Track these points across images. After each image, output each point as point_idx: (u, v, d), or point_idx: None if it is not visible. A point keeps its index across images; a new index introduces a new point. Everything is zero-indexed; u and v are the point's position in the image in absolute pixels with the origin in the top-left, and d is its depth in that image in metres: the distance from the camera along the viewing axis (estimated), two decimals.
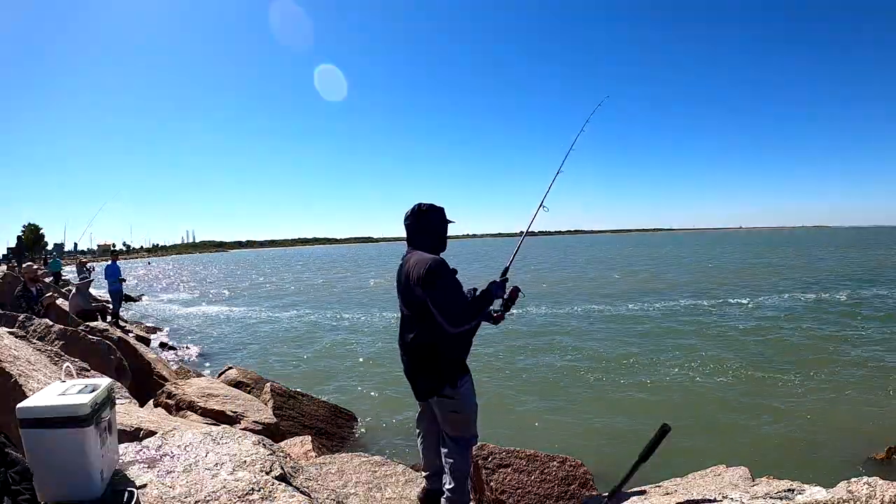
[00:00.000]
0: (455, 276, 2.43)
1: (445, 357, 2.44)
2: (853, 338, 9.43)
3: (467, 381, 2.49)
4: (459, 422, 2.50)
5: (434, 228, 2.54)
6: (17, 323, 5.21)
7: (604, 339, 10.32)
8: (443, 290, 2.36)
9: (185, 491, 1.75)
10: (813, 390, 6.62)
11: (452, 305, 2.36)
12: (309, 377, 8.25)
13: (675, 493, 2.34)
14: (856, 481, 1.68)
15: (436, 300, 2.35)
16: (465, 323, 2.38)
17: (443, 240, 2.57)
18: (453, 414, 2.48)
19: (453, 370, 2.45)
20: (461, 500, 2.55)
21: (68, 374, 1.91)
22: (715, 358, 8.36)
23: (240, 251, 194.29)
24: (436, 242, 2.55)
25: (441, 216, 2.56)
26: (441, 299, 2.35)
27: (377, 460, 3.38)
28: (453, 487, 2.55)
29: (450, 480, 2.58)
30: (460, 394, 2.45)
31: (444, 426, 2.54)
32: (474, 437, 2.58)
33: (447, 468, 2.56)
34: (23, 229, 55.99)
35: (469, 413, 2.51)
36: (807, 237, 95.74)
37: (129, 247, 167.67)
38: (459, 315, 2.37)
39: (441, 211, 2.57)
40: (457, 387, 2.43)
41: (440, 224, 2.55)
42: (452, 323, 2.35)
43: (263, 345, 11.26)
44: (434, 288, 2.34)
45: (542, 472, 3.23)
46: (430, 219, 2.54)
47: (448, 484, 2.58)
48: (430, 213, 2.53)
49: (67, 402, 1.64)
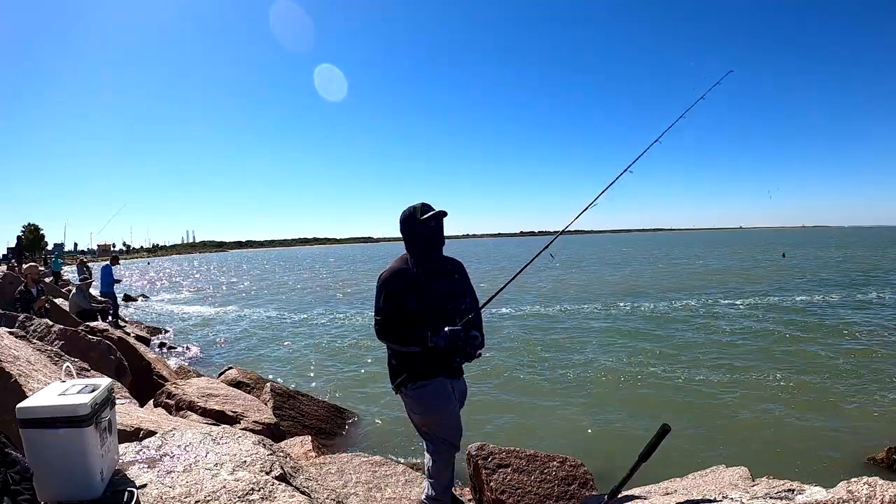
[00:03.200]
0: (389, 285, 2.52)
1: (391, 362, 2.62)
2: (853, 338, 9.43)
3: (422, 387, 2.53)
4: (416, 422, 2.64)
5: (403, 232, 2.66)
6: (17, 323, 5.21)
7: (604, 338, 10.31)
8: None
9: (185, 491, 1.75)
10: (813, 390, 6.61)
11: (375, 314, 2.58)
12: (309, 377, 8.25)
13: (675, 493, 2.34)
14: (856, 481, 1.68)
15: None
16: (378, 336, 2.56)
17: (410, 241, 2.64)
18: (411, 412, 2.63)
19: (396, 376, 2.58)
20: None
21: (68, 374, 1.91)
22: (715, 358, 8.35)
23: (240, 251, 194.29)
24: (406, 245, 2.67)
25: (403, 219, 2.64)
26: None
27: (377, 460, 3.38)
28: (427, 495, 2.62)
29: (427, 486, 2.64)
30: (409, 397, 2.57)
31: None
32: (443, 441, 2.57)
33: (425, 469, 2.66)
34: (23, 229, 56.02)
35: (424, 417, 2.57)
36: (807, 237, 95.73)
37: (129, 247, 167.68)
38: (375, 326, 2.56)
39: (405, 213, 2.64)
40: (402, 391, 2.58)
41: (402, 227, 2.65)
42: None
43: (263, 345, 11.26)
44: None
45: (542, 472, 3.23)
46: (401, 223, 2.67)
47: (427, 490, 2.64)
48: (400, 219, 2.66)
49: (67, 402, 1.64)
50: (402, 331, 2.49)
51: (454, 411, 2.61)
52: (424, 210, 2.58)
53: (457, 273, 2.70)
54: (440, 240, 2.62)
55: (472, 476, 3.33)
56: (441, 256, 2.70)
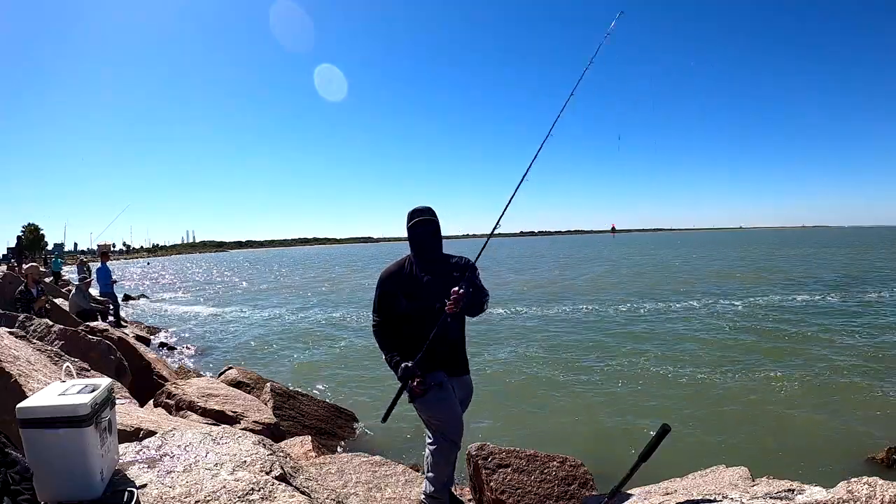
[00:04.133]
0: (384, 287, 2.71)
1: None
2: (853, 338, 9.42)
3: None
4: (423, 417, 2.73)
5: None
6: (17, 323, 5.21)
7: (604, 338, 10.32)
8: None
9: (185, 491, 1.75)
10: (813, 390, 6.61)
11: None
12: (309, 377, 8.25)
13: (675, 493, 2.34)
14: (856, 481, 1.68)
15: None
16: (374, 335, 2.79)
17: (410, 244, 2.75)
18: (416, 407, 2.70)
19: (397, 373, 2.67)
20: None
21: (68, 374, 1.91)
22: (715, 358, 8.35)
23: (240, 251, 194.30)
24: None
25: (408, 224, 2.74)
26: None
27: (377, 460, 3.38)
28: (426, 492, 2.66)
29: (426, 483, 2.68)
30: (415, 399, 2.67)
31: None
32: (443, 437, 2.61)
33: (425, 464, 2.70)
34: (23, 229, 56.03)
35: (424, 412, 2.66)
36: (807, 237, 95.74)
37: (129, 247, 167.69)
38: (373, 326, 2.78)
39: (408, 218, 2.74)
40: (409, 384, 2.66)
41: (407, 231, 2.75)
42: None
43: (263, 345, 11.26)
44: None
45: (542, 472, 3.23)
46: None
47: (426, 486, 2.68)
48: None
49: (67, 402, 1.64)
50: (386, 341, 2.70)
51: (452, 407, 2.63)
52: (410, 217, 2.70)
53: (457, 271, 2.70)
54: (431, 242, 2.69)
55: (472, 476, 3.34)
56: (440, 257, 2.75)
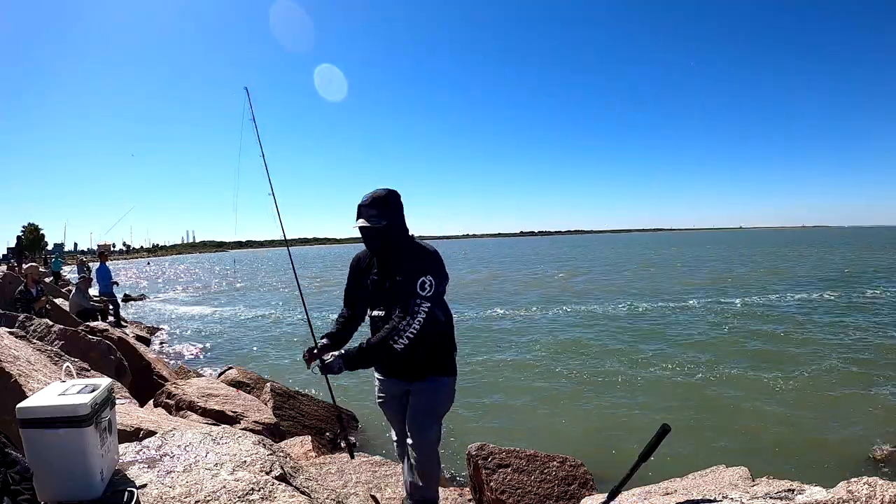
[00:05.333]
0: (347, 279, 2.79)
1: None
2: (853, 338, 9.42)
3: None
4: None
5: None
6: (17, 323, 5.21)
7: (604, 338, 10.32)
8: None
9: (185, 491, 1.75)
10: (813, 390, 6.61)
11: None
12: (309, 377, 8.21)
13: (675, 493, 2.34)
14: (856, 481, 1.68)
15: None
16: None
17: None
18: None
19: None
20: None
21: (68, 374, 1.91)
22: (715, 358, 8.35)
23: (240, 251, 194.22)
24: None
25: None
26: None
27: (377, 460, 3.39)
28: (416, 485, 2.54)
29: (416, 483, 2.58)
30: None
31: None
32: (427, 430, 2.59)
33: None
34: (23, 229, 56.04)
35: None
36: (807, 237, 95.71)
37: (129, 247, 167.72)
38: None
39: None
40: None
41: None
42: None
43: (263, 345, 11.25)
44: None
45: (542, 472, 3.23)
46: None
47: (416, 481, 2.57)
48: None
49: (67, 402, 1.64)
50: (339, 319, 2.87)
51: (386, 408, 2.72)
52: (357, 212, 2.48)
53: (400, 276, 2.40)
54: (372, 241, 2.48)
55: (472, 476, 3.34)
56: (389, 256, 2.49)
